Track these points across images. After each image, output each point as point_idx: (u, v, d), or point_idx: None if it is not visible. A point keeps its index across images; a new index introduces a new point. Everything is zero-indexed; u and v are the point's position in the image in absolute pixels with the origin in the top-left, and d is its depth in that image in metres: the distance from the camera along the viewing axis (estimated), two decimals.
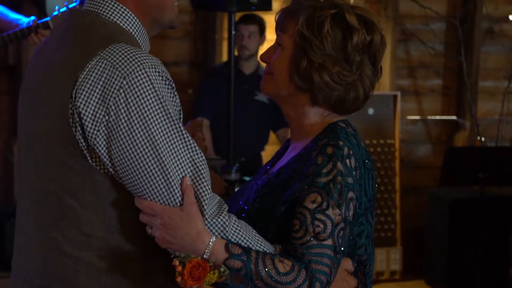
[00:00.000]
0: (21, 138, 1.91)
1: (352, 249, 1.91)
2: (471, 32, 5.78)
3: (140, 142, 1.72)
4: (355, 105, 1.94)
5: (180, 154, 1.75)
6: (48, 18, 3.93)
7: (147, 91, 1.73)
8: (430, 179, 5.77)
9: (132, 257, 1.80)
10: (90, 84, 1.73)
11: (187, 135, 1.77)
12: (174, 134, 1.74)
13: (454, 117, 5.94)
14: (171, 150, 1.74)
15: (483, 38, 5.86)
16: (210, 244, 1.74)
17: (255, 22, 5.23)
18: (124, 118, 1.72)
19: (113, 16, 1.83)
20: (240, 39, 5.18)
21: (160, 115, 1.73)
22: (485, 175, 4.83)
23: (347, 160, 1.84)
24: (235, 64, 4.69)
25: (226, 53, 5.03)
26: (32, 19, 3.95)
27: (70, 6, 3.55)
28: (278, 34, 1.95)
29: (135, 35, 1.84)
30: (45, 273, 1.81)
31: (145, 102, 1.72)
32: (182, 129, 1.76)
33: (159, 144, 1.72)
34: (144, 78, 1.73)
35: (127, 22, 1.84)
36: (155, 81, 1.74)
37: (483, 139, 5.73)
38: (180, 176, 1.74)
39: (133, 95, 1.72)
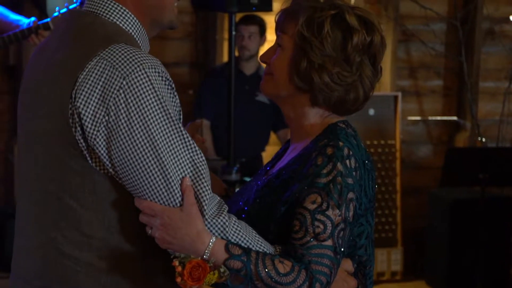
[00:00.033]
0: (20, 138, 1.91)
1: (352, 249, 1.90)
2: (472, 32, 5.78)
3: (140, 143, 1.72)
4: (355, 105, 1.94)
5: (180, 155, 1.74)
6: (49, 19, 3.93)
7: (147, 91, 1.72)
8: (431, 179, 5.76)
9: (132, 257, 1.80)
10: (90, 85, 1.73)
11: (187, 135, 1.76)
12: (174, 134, 1.74)
13: (454, 117, 5.94)
14: (171, 151, 1.73)
15: (483, 38, 5.85)
16: (210, 244, 1.74)
17: (255, 22, 5.22)
18: (124, 118, 1.71)
19: (112, 16, 1.83)
20: (240, 40, 5.18)
21: (160, 115, 1.73)
22: (485, 176, 4.83)
23: (347, 161, 1.84)
24: (236, 64, 4.69)
25: (227, 53, 5.03)
26: (32, 20, 3.94)
27: (71, 7, 3.55)
28: (278, 34, 1.95)
29: (134, 35, 1.84)
30: (45, 273, 1.81)
31: (145, 103, 1.72)
32: (182, 129, 1.76)
33: (159, 145, 1.72)
34: (144, 78, 1.73)
35: (127, 23, 1.84)
36: (155, 81, 1.74)
37: (484, 140, 5.73)
38: (180, 176, 1.74)
39: (133, 95, 1.72)
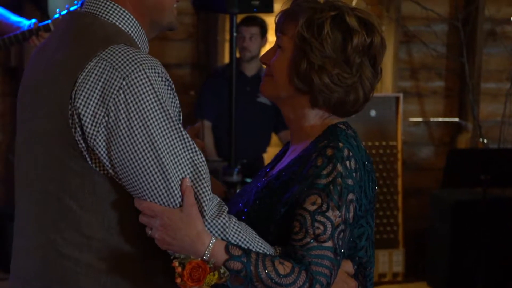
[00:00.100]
0: (20, 138, 1.91)
1: (352, 251, 1.90)
2: (473, 34, 5.77)
3: (140, 143, 1.72)
4: (355, 107, 1.94)
5: (179, 155, 1.74)
6: (49, 20, 3.92)
7: (147, 92, 1.72)
8: (433, 181, 5.75)
9: (132, 258, 1.79)
10: (90, 85, 1.73)
11: (187, 136, 1.76)
12: (174, 135, 1.74)
13: (456, 119, 5.93)
14: (170, 151, 1.73)
15: (485, 40, 5.85)
16: (210, 245, 1.74)
17: (256, 24, 5.22)
18: (123, 119, 1.71)
19: (112, 17, 1.83)
20: (241, 41, 5.17)
21: (160, 116, 1.73)
22: (487, 177, 4.82)
23: (347, 162, 1.84)
24: (237, 66, 4.68)
25: (228, 55, 5.03)
26: (33, 21, 3.94)
27: (71, 9, 3.55)
28: (277, 36, 1.95)
29: (134, 36, 1.84)
30: (44, 274, 1.81)
31: (144, 103, 1.72)
32: (181, 130, 1.76)
33: (158, 145, 1.72)
34: (144, 79, 1.73)
35: (126, 24, 1.84)
36: (155, 82, 1.74)
37: (486, 141, 5.72)
38: (180, 177, 1.74)
39: (132, 95, 1.72)
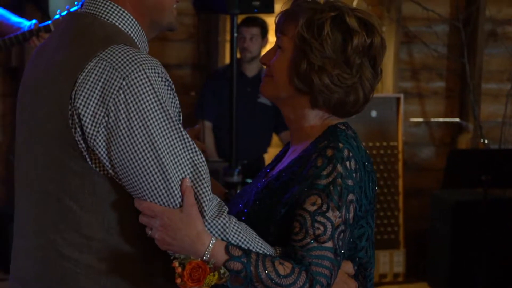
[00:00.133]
0: (20, 139, 1.90)
1: (352, 252, 1.90)
2: (474, 34, 5.77)
3: (140, 143, 1.72)
4: (355, 107, 1.94)
5: (179, 155, 1.74)
6: (50, 21, 3.92)
7: (147, 92, 1.72)
8: (433, 181, 5.75)
9: (132, 258, 1.79)
10: (90, 85, 1.73)
11: (187, 136, 1.76)
12: (174, 135, 1.74)
13: (457, 119, 5.93)
14: (170, 151, 1.73)
15: (486, 40, 5.85)
16: (210, 245, 1.74)
17: (257, 24, 5.22)
18: (123, 119, 1.71)
19: (111, 18, 1.83)
20: (242, 42, 5.17)
21: (160, 116, 1.73)
22: (488, 178, 4.82)
23: (347, 162, 1.84)
24: (238, 66, 4.68)
25: (229, 55, 5.03)
26: (33, 22, 3.94)
27: (72, 10, 3.55)
28: (278, 36, 1.95)
29: (133, 37, 1.84)
30: (44, 275, 1.81)
31: (144, 103, 1.72)
32: (181, 130, 1.76)
33: (158, 145, 1.72)
34: (144, 79, 1.73)
35: (126, 24, 1.84)
36: (155, 82, 1.74)
37: (486, 141, 5.72)
38: (180, 177, 1.74)
39: (132, 96, 1.71)
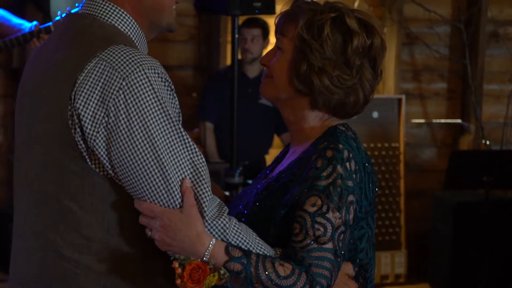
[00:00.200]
0: (19, 139, 1.90)
1: (353, 253, 1.90)
2: (476, 35, 5.77)
3: (140, 144, 1.71)
4: (355, 109, 1.94)
5: (179, 156, 1.74)
6: (50, 23, 3.93)
7: (147, 92, 1.72)
8: (435, 182, 5.75)
9: (132, 259, 1.79)
10: (89, 86, 1.73)
11: (187, 136, 1.76)
12: (174, 135, 1.74)
13: (459, 120, 5.93)
14: (170, 152, 1.73)
15: (487, 41, 5.84)
16: (210, 246, 1.74)
17: (258, 25, 5.22)
18: (123, 119, 1.71)
19: (111, 19, 1.83)
20: (243, 43, 5.17)
21: (160, 116, 1.73)
22: (489, 179, 4.82)
23: (347, 163, 1.84)
24: (239, 67, 4.68)
25: (230, 56, 5.03)
26: (34, 24, 3.95)
27: (73, 11, 3.56)
28: (277, 37, 1.95)
29: (133, 37, 1.84)
30: (44, 276, 1.81)
31: (144, 103, 1.72)
32: (181, 130, 1.76)
33: (158, 146, 1.72)
34: (144, 79, 1.72)
35: (125, 25, 1.83)
36: (155, 82, 1.74)
37: (488, 143, 5.72)
38: (180, 177, 1.74)
39: (132, 96, 1.71)
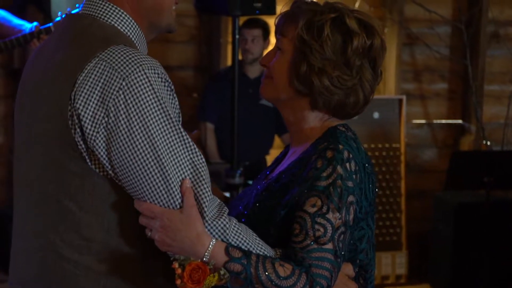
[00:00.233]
0: (19, 139, 1.89)
1: (353, 254, 1.90)
2: (477, 35, 5.76)
3: (140, 144, 1.71)
4: (355, 109, 1.94)
5: (179, 156, 1.74)
6: (51, 24, 3.93)
7: (147, 92, 1.72)
8: (436, 183, 5.75)
9: (132, 259, 1.79)
10: (89, 86, 1.73)
11: (187, 137, 1.76)
12: (174, 135, 1.74)
13: (459, 121, 5.92)
14: (170, 152, 1.73)
15: (488, 42, 5.84)
16: (210, 247, 1.74)
17: (258, 26, 5.22)
18: (123, 119, 1.71)
19: (110, 19, 1.83)
20: (243, 43, 5.17)
21: (160, 116, 1.73)
22: (490, 179, 4.81)
23: (347, 164, 1.84)
24: (240, 68, 4.68)
25: (231, 57, 5.03)
26: (34, 25, 3.95)
27: (73, 12, 3.56)
28: (277, 38, 1.95)
29: (132, 38, 1.84)
30: (44, 276, 1.81)
31: (144, 104, 1.72)
32: (181, 131, 1.76)
33: (158, 146, 1.72)
34: (144, 79, 1.72)
35: (125, 25, 1.84)
36: (155, 82, 1.74)
37: (489, 143, 5.72)
38: (180, 178, 1.74)
39: (132, 96, 1.71)
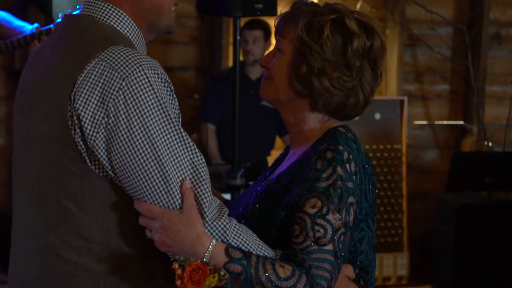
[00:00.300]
0: (18, 140, 1.89)
1: (353, 255, 1.90)
2: (478, 37, 5.76)
3: (140, 144, 1.71)
4: (355, 110, 1.94)
5: (179, 157, 1.74)
6: (52, 25, 3.93)
7: (146, 92, 1.72)
8: (437, 184, 5.75)
9: (132, 260, 1.79)
10: (89, 86, 1.73)
11: (187, 137, 1.76)
12: (174, 136, 1.74)
13: (461, 122, 5.92)
14: (170, 152, 1.73)
15: (490, 42, 5.84)
16: (210, 247, 1.74)
17: (259, 27, 5.22)
18: (123, 120, 1.71)
19: (109, 20, 1.83)
20: (244, 44, 5.17)
21: (160, 116, 1.72)
22: (492, 180, 4.81)
23: (347, 165, 1.84)
24: (241, 69, 4.68)
25: (232, 58, 5.03)
26: (35, 26, 3.95)
27: (74, 13, 3.56)
28: (277, 39, 1.96)
29: (131, 39, 1.84)
30: (43, 276, 1.81)
31: (144, 104, 1.72)
32: (181, 131, 1.75)
33: (158, 146, 1.72)
34: (144, 79, 1.72)
35: (124, 26, 1.84)
36: (154, 82, 1.73)
37: (490, 144, 5.71)
38: (180, 178, 1.73)
39: (132, 96, 1.71)
